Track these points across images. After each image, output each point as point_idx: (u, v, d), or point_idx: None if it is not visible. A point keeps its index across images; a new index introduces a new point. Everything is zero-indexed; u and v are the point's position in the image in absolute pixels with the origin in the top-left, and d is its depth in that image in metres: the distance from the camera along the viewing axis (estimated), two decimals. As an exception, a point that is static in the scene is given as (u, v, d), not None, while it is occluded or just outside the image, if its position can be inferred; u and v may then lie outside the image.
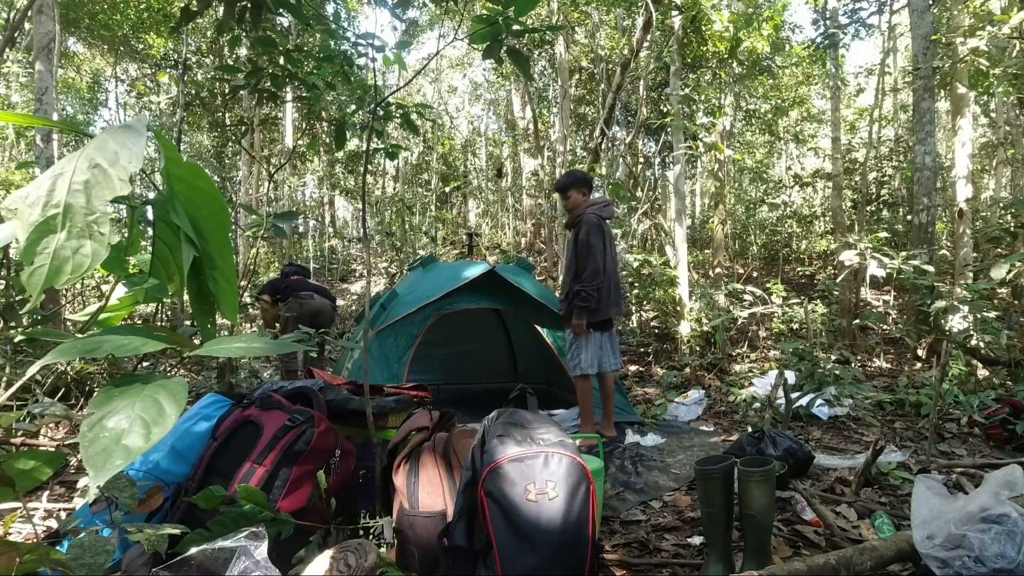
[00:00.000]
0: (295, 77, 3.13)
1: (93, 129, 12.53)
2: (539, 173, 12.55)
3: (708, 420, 4.23)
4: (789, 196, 11.81)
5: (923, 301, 4.04)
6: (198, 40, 9.57)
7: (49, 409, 1.70)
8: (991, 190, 12.28)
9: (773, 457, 2.50)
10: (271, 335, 4.37)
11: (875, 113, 10.22)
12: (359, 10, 13.84)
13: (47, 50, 5.06)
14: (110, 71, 13.83)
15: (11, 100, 11.30)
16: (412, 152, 15.13)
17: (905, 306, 8.38)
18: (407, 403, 2.25)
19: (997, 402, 3.56)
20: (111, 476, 0.75)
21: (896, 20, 10.90)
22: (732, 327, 7.22)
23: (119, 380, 0.89)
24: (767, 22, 7.82)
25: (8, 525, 1.29)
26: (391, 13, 2.73)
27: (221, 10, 2.68)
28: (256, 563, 1.10)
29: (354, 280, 13.04)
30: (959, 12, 6.39)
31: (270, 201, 12.10)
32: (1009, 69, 5.18)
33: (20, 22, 4.65)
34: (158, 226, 1.04)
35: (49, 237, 0.76)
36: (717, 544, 1.73)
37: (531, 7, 1.94)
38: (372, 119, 2.53)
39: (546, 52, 11.74)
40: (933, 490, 1.61)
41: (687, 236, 7.44)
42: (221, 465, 1.69)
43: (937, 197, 7.02)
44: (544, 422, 1.57)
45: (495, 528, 1.36)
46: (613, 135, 9.92)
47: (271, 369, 5.94)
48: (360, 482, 1.96)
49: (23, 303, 2.40)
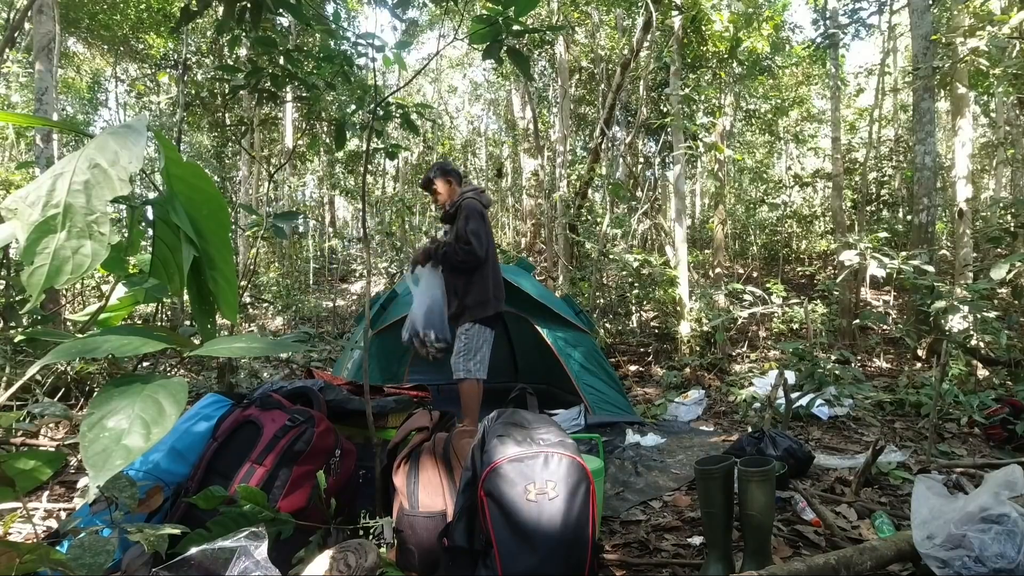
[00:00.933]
0: (295, 77, 3.13)
1: (93, 129, 12.53)
2: (539, 173, 12.54)
3: (708, 420, 4.23)
4: (789, 196, 11.81)
5: (923, 301, 4.05)
6: (198, 40, 9.57)
7: (49, 409, 1.70)
8: (991, 190, 12.28)
9: (773, 457, 2.50)
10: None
11: (875, 113, 10.23)
12: (359, 10, 13.84)
13: (47, 50, 5.06)
14: (110, 71, 13.83)
15: (11, 100, 11.29)
16: (412, 152, 15.13)
17: (905, 306, 8.38)
18: (407, 403, 2.25)
19: (997, 402, 3.56)
20: (111, 476, 0.75)
21: (896, 20, 10.91)
22: (732, 327, 7.23)
23: (119, 380, 0.89)
24: (767, 22, 7.82)
25: (8, 525, 1.29)
26: (391, 13, 2.74)
27: (221, 10, 2.68)
28: (256, 563, 1.10)
29: (354, 280, 13.04)
30: (959, 12, 6.39)
31: (270, 201, 12.10)
32: (1009, 69, 5.18)
33: (20, 22, 4.65)
34: (158, 226, 1.04)
35: (49, 237, 0.76)
36: (717, 544, 1.73)
37: (531, 7, 1.94)
38: (372, 119, 2.53)
39: (546, 52, 11.74)
40: (933, 490, 1.61)
41: (687, 236, 7.43)
42: (221, 465, 1.69)
43: (937, 197, 7.02)
44: (544, 422, 1.57)
45: (495, 528, 1.36)
46: (613, 135, 9.91)
47: (271, 369, 5.94)
48: (360, 482, 1.96)
49: (23, 303, 2.40)
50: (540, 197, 12.73)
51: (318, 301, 10.74)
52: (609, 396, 3.90)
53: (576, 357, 3.95)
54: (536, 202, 13.56)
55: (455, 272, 3.02)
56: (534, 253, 13.47)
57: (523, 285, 3.96)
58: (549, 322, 4.03)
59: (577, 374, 3.85)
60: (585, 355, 4.01)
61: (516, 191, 15.49)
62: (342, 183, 13.47)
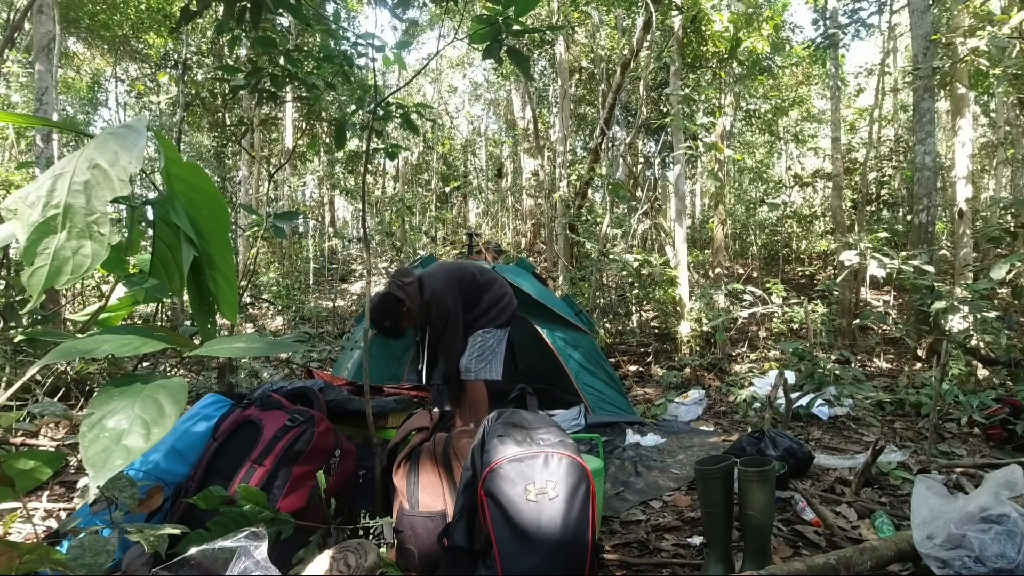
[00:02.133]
0: (295, 77, 3.13)
1: (93, 129, 12.52)
2: (539, 173, 12.55)
3: (708, 420, 4.23)
4: (789, 196, 11.81)
5: (923, 301, 4.04)
6: (198, 40, 9.56)
7: (49, 409, 1.70)
8: (991, 190, 12.28)
9: (773, 457, 2.50)
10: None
11: (875, 113, 10.22)
12: (359, 10, 13.84)
13: (47, 50, 5.06)
14: (110, 71, 13.82)
15: (11, 100, 11.29)
16: (412, 152, 15.14)
17: (905, 306, 8.38)
18: (407, 403, 2.25)
19: (997, 402, 3.56)
20: (111, 476, 0.75)
21: (896, 20, 10.90)
22: (732, 327, 7.23)
23: (119, 380, 0.89)
24: (767, 22, 7.82)
25: (8, 525, 1.29)
26: (391, 13, 2.74)
27: (221, 10, 2.68)
28: (256, 563, 1.10)
29: (354, 280, 13.03)
30: (959, 12, 6.39)
31: (270, 201, 12.10)
32: (1009, 69, 5.18)
33: (20, 22, 4.65)
34: (158, 226, 1.04)
35: (49, 237, 0.76)
36: (717, 544, 1.73)
37: (531, 7, 1.94)
38: (372, 119, 2.53)
39: (546, 52, 11.74)
40: (933, 490, 1.61)
41: (687, 236, 7.44)
42: (221, 465, 1.69)
43: (937, 197, 7.02)
44: (544, 422, 1.57)
45: (495, 528, 1.36)
46: (613, 135, 9.92)
47: (271, 369, 5.94)
48: (360, 482, 1.96)
49: (23, 303, 2.40)
50: (540, 197, 12.74)
51: (318, 301, 10.74)
52: (609, 396, 3.90)
53: (576, 357, 3.95)
54: (536, 202, 13.56)
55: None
56: (534, 253, 13.47)
57: (523, 285, 3.96)
58: (549, 322, 4.03)
59: (577, 374, 3.85)
60: (585, 355, 4.01)
61: (516, 191, 15.49)
62: (342, 183, 13.48)
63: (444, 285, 2.95)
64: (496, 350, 3.07)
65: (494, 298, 3.09)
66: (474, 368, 2.99)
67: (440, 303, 2.91)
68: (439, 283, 2.95)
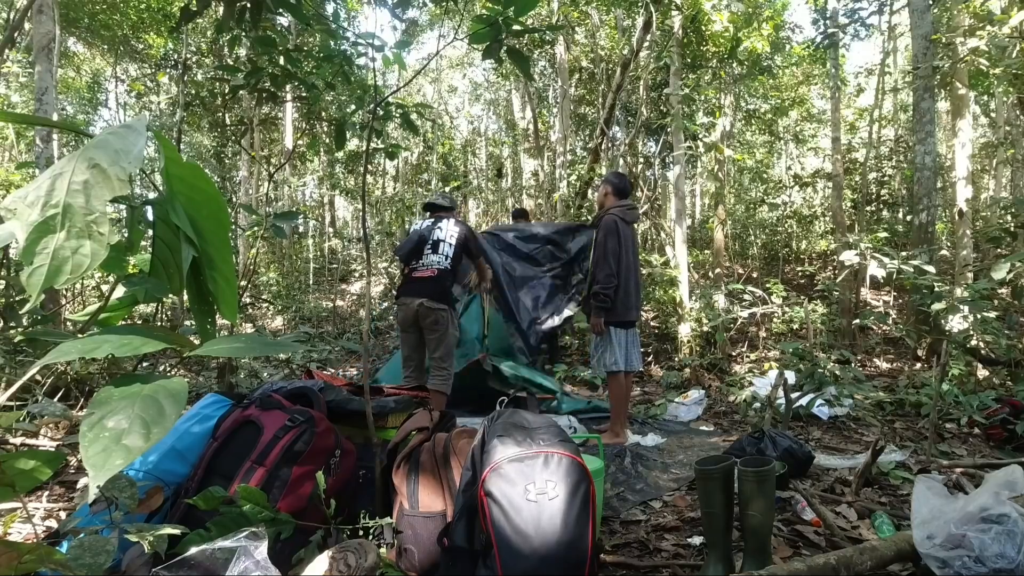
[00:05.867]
0: (295, 77, 3.13)
1: (93, 129, 12.52)
2: (539, 173, 12.55)
3: (708, 420, 4.23)
4: (789, 196, 11.80)
5: (923, 301, 4.04)
6: (198, 40, 9.56)
7: (49, 409, 1.70)
8: (991, 190, 12.28)
9: (773, 457, 2.50)
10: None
11: (875, 113, 10.22)
12: (359, 10, 13.83)
13: (47, 50, 5.05)
14: (110, 71, 13.82)
15: (11, 100, 11.29)
16: (412, 152, 15.13)
17: (905, 306, 8.38)
18: (407, 403, 2.25)
19: (997, 402, 3.56)
20: (111, 476, 0.75)
21: (896, 20, 10.90)
22: (732, 327, 7.22)
23: (119, 380, 0.89)
24: (767, 22, 7.81)
25: (8, 525, 1.29)
26: (391, 13, 2.74)
27: (221, 10, 2.68)
28: (256, 563, 1.10)
29: (354, 280, 13.03)
30: (959, 12, 6.39)
31: (270, 201, 12.09)
32: (1009, 69, 5.18)
33: (20, 22, 4.65)
34: (158, 226, 1.04)
35: (49, 237, 0.76)
36: (717, 544, 1.73)
37: (531, 7, 1.94)
38: (372, 119, 2.53)
39: (546, 52, 11.73)
40: (933, 490, 1.60)
41: (687, 236, 7.43)
42: (221, 465, 1.69)
43: (937, 197, 7.02)
44: (544, 422, 1.57)
45: (495, 528, 1.36)
46: (613, 135, 9.91)
47: (271, 369, 5.94)
48: (360, 482, 1.96)
49: (23, 303, 2.40)
50: (540, 197, 12.73)
51: (318, 301, 10.74)
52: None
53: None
54: (536, 202, 13.55)
55: (594, 279, 3.43)
56: (534, 253, 13.43)
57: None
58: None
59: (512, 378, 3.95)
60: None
61: (516, 191, 15.47)
62: (342, 183, 13.47)
63: (612, 231, 3.42)
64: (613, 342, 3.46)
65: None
66: (599, 362, 3.45)
67: (606, 231, 3.39)
68: (611, 226, 3.42)
